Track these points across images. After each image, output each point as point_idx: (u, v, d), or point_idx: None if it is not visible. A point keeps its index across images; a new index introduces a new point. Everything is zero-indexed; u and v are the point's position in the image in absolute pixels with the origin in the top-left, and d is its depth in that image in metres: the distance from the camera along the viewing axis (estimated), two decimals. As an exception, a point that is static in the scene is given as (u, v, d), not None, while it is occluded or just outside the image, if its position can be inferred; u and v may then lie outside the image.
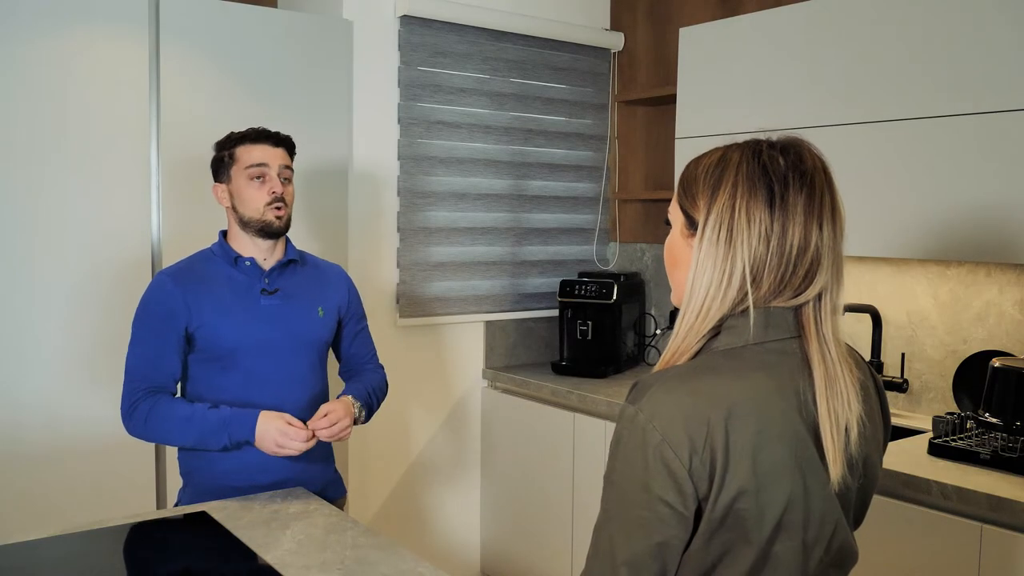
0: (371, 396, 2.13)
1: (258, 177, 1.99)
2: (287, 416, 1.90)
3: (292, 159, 2.07)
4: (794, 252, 1.04)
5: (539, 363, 3.60)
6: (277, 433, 1.86)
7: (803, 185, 1.04)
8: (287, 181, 2.03)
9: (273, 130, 2.05)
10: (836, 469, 1.03)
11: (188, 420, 1.91)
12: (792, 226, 1.03)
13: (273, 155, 2.01)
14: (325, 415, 1.93)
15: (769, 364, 1.04)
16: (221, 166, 2.03)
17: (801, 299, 1.06)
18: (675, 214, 1.13)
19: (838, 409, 1.03)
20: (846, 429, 1.04)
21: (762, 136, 1.11)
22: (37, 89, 2.45)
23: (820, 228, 1.04)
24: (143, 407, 1.94)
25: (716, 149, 1.11)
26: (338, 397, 2.04)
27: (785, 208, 1.03)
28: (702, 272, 1.05)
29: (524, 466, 3.32)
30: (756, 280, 1.04)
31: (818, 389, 1.04)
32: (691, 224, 1.09)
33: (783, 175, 1.04)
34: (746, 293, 1.04)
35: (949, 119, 2.28)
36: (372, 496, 3.24)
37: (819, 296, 1.06)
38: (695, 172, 1.10)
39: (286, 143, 2.06)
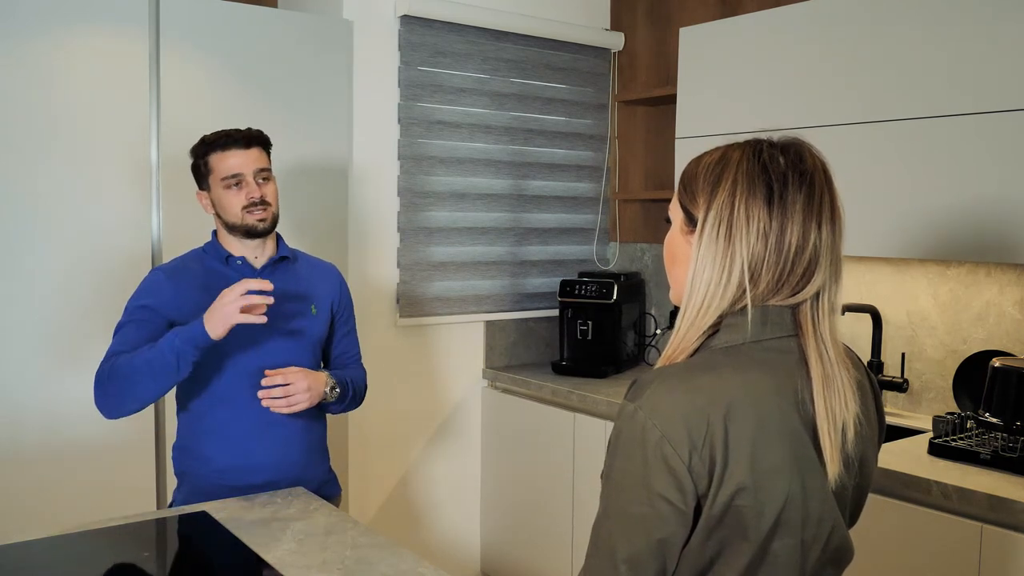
0: (349, 383, 2.09)
1: (235, 184, 1.96)
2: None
3: (269, 154, 2.03)
4: (792, 251, 1.04)
5: (539, 363, 3.60)
6: (219, 307, 1.80)
7: (802, 184, 1.05)
8: (265, 180, 2.00)
9: (243, 128, 2.00)
10: (833, 467, 1.03)
11: (146, 362, 1.84)
12: (791, 225, 1.04)
13: (246, 160, 1.97)
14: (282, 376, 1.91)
15: (768, 362, 1.04)
16: (199, 175, 2.02)
17: (799, 297, 1.06)
18: (675, 211, 1.14)
19: (835, 408, 1.04)
20: (843, 428, 1.04)
21: (763, 136, 1.11)
22: (37, 88, 2.45)
23: (819, 227, 1.05)
24: (103, 370, 1.88)
25: (717, 148, 1.12)
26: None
27: (784, 207, 1.04)
28: (702, 268, 1.06)
29: (524, 466, 3.32)
30: (754, 277, 1.04)
31: (815, 387, 1.04)
32: (690, 221, 1.10)
33: (783, 174, 1.05)
34: (745, 290, 1.04)
35: (949, 119, 2.28)
36: (372, 496, 3.24)
37: (817, 295, 1.07)
38: (696, 170, 1.11)
39: (259, 140, 2.01)
